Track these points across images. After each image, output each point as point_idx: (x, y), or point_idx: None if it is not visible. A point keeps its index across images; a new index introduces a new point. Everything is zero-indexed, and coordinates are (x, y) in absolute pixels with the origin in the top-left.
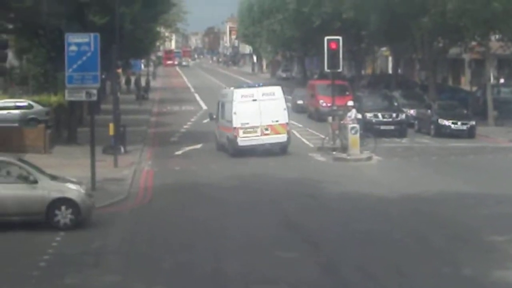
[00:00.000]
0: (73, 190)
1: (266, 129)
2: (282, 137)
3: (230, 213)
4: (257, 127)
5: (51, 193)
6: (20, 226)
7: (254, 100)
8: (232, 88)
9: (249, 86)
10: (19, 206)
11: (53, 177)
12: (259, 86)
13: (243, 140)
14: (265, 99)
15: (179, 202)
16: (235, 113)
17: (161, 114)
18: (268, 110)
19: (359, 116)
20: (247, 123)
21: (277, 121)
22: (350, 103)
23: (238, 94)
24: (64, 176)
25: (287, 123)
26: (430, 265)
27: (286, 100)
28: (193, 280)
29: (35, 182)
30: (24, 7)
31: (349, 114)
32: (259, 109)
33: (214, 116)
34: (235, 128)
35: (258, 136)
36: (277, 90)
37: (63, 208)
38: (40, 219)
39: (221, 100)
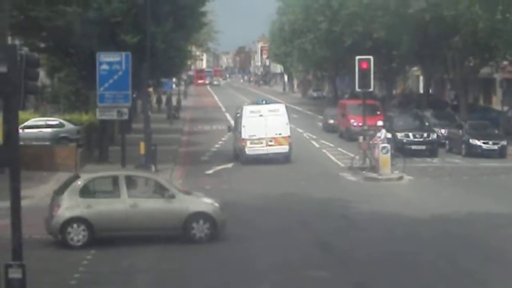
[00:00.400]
0: (209, 204)
1: (271, 141)
2: (284, 148)
3: (260, 233)
4: (262, 139)
5: (188, 207)
6: (156, 241)
7: (261, 115)
8: (243, 105)
9: (257, 103)
10: (158, 220)
11: (187, 192)
12: (266, 103)
13: (250, 149)
14: (270, 115)
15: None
16: (244, 126)
17: (192, 133)
18: (273, 125)
19: (389, 135)
20: (254, 135)
21: (280, 134)
22: (380, 123)
23: (247, 110)
24: (195, 191)
25: (289, 136)
26: (461, 287)
27: (314, 119)
28: None
29: (173, 196)
30: (56, 27)
31: (378, 134)
32: (264, 124)
33: (232, 128)
34: (243, 139)
35: (263, 146)
36: (281, 107)
37: (200, 222)
38: (177, 233)
39: (237, 115)
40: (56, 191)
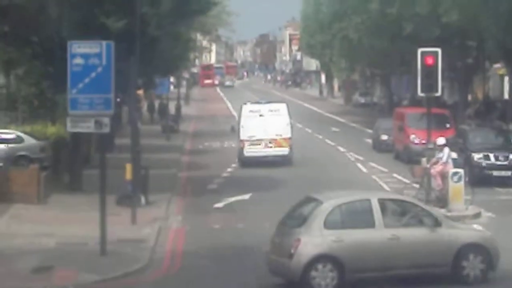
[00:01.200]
0: (480, 233)
1: (270, 143)
2: (284, 150)
3: None
4: (261, 140)
5: (458, 238)
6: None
7: (261, 115)
8: (243, 104)
9: (257, 103)
10: (424, 256)
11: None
12: (266, 103)
13: (248, 151)
14: (271, 115)
15: (219, 272)
16: (242, 126)
17: (196, 152)
18: (273, 125)
19: (454, 155)
20: (253, 136)
21: (280, 135)
22: (441, 140)
23: (246, 109)
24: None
25: (290, 138)
26: None
27: (361, 133)
28: None
29: (439, 225)
30: (13, 6)
31: (439, 154)
32: (264, 124)
33: (236, 129)
34: (241, 140)
35: (262, 148)
36: (283, 107)
37: (471, 256)
38: (444, 271)
39: (238, 115)
40: (285, 221)
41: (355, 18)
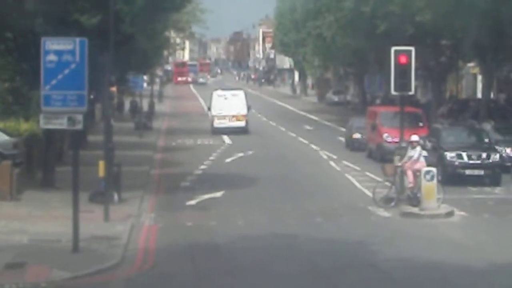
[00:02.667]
0: None
1: (232, 117)
2: (242, 123)
3: None
4: (226, 116)
5: None
6: None
7: (226, 98)
8: (213, 91)
9: (223, 89)
10: None
11: None
12: (229, 90)
13: (217, 123)
14: (232, 98)
15: (192, 270)
16: (213, 106)
17: (169, 149)
18: (234, 106)
19: (425, 154)
20: (221, 113)
21: (239, 112)
22: (415, 137)
23: (215, 94)
24: None
25: (246, 115)
26: None
27: (334, 132)
28: None
29: None
30: None
31: (411, 152)
32: (228, 105)
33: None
34: (213, 115)
35: (227, 122)
36: (241, 92)
37: None
38: None
39: (210, 98)
40: None
41: (329, 16)
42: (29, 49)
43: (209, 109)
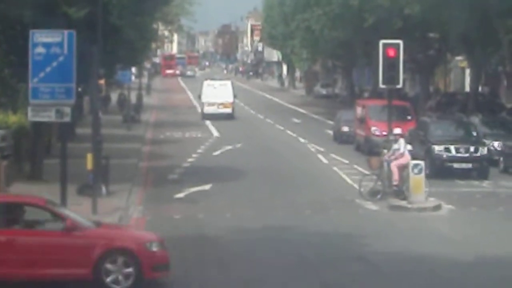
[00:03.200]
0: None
1: (220, 104)
2: (229, 110)
3: (246, 282)
4: (215, 103)
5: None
6: None
7: (214, 88)
8: (203, 81)
9: (212, 79)
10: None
11: None
12: (217, 79)
13: (206, 110)
14: (220, 87)
15: (180, 263)
16: (203, 94)
17: (157, 142)
18: (222, 94)
19: (409, 147)
20: (209, 100)
21: (226, 100)
22: (398, 130)
23: (205, 83)
24: None
25: (232, 102)
26: None
27: (322, 125)
28: None
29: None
30: None
31: (396, 145)
32: (216, 93)
33: (200, 96)
34: (203, 103)
35: (215, 108)
36: (228, 83)
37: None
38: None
39: (200, 87)
40: None
41: (318, 9)
42: (17, 41)
43: (199, 97)
